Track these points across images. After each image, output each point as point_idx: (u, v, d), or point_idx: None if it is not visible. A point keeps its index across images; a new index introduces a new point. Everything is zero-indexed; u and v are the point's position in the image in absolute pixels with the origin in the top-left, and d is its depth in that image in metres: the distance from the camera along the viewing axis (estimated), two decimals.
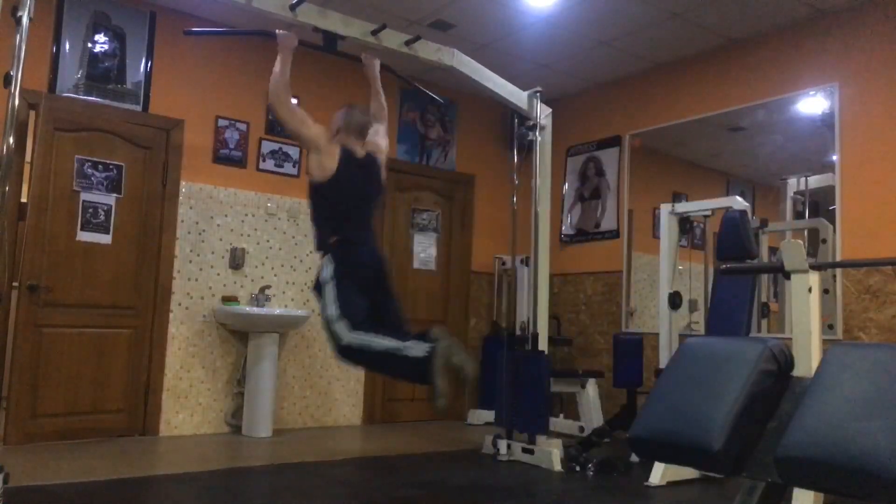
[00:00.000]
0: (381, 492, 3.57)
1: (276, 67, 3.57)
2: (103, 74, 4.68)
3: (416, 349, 3.22)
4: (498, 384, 4.54)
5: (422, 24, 4.91)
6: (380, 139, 3.79)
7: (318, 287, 3.41)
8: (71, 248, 4.48)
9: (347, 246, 3.43)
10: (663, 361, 4.38)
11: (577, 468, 4.09)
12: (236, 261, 5.05)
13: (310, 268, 5.40)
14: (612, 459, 4.11)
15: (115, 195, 4.65)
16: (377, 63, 3.95)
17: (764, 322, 4.68)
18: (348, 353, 3.31)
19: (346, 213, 3.49)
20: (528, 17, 4.82)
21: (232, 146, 5.12)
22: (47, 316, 4.37)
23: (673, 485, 3.73)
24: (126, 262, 4.67)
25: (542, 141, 4.66)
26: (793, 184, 4.81)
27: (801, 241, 2.41)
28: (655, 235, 5.00)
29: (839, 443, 1.40)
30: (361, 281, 3.40)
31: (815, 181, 4.68)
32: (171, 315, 4.79)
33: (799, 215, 4.75)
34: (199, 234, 4.94)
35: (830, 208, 4.44)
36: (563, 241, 6.20)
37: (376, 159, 3.66)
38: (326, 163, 3.43)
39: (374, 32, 3.93)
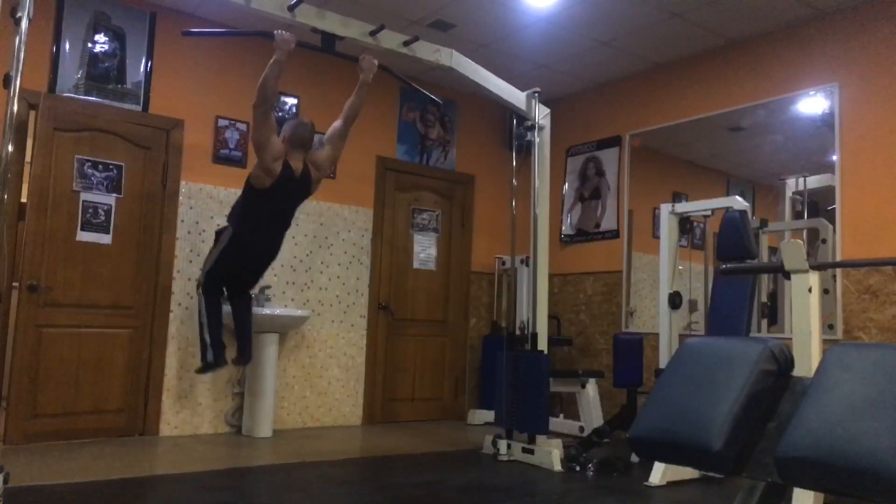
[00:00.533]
0: (381, 492, 3.57)
1: (270, 68, 3.65)
2: (103, 74, 4.68)
3: (209, 347, 4.09)
4: (498, 384, 4.54)
5: (421, 25, 4.91)
6: (328, 151, 4.13)
7: (217, 238, 4.19)
8: (71, 248, 4.48)
9: (249, 238, 4.06)
10: (663, 361, 4.38)
11: (577, 468, 4.09)
12: None
13: (310, 268, 5.40)
14: (612, 459, 4.12)
15: (115, 195, 4.65)
16: (374, 66, 4.03)
17: (764, 322, 4.68)
18: (201, 302, 4.15)
19: (259, 218, 4.03)
20: (527, 17, 4.82)
21: (232, 146, 5.12)
22: (47, 316, 4.37)
23: (673, 485, 3.73)
24: (126, 262, 4.67)
25: (541, 141, 4.66)
26: (792, 184, 4.81)
27: (800, 241, 2.42)
28: (655, 235, 5.00)
29: (839, 443, 1.40)
30: (238, 263, 4.12)
31: (814, 181, 4.68)
32: (171, 315, 4.79)
33: (798, 215, 4.75)
34: (199, 234, 4.94)
35: (830, 208, 4.44)
36: (563, 241, 6.20)
37: (310, 177, 4.06)
38: (265, 180, 3.87)
39: (373, 33, 3.93)
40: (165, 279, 4.79)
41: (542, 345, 4.47)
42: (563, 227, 6.23)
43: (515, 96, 4.61)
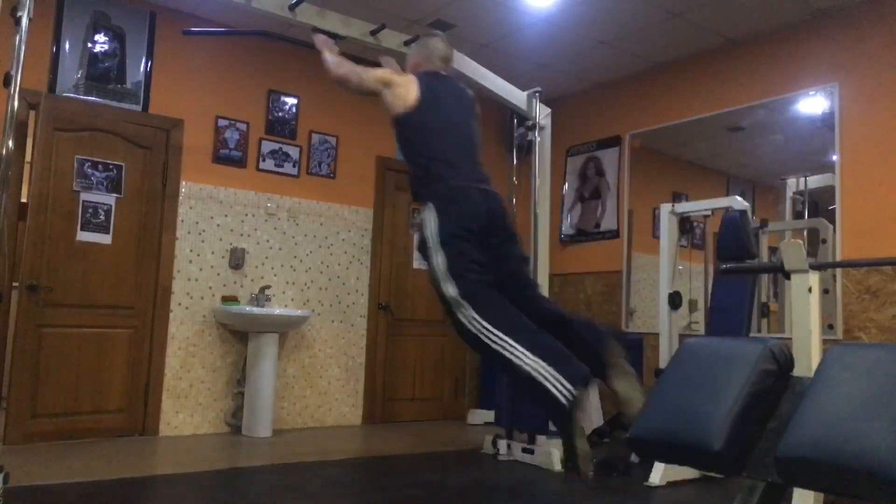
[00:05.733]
0: (381, 492, 3.57)
1: (330, 66, 3.30)
2: (103, 74, 4.68)
3: (560, 386, 2.36)
4: (498, 384, 4.54)
5: (421, 25, 4.91)
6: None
7: (423, 247, 2.72)
8: (71, 248, 4.48)
9: (453, 190, 2.77)
10: (663, 361, 4.38)
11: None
12: (236, 261, 5.05)
13: (310, 268, 5.40)
14: (612, 459, 4.11)
15: (115, 195, 4.65)
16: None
17: (764, 322, 4.68)
18: (476, 345, 2.60)
19: (443, 143, 2.87)
20: (528, 17, 4.82)
21: (232, 146, 5.12)
22: (47, 316, 4.37)
23: (673, 485, 3.73)
24: (126, 262, 4.67)
25: (542, 141, 4.66)
26: (792, 184, 4.81)
27: (800, 241, 2.42)
28: (655, 235, 4.99)
29: (839, 443, 1.40)
30: (477, 237, 2.70)
31: (814, 181, 4.68)
32: (171, 315, 4.79)
33: (798, 215, 4.75)
34: (199, 234, 4.94)
35: (830, 208, 4.43)
36: (563, 241, 6.20)
37: (465, 90, 3.14)
38: (404, 93, 2.91)
39: (374, 32, 3.94)
40: (165, 279, 4.79)
41: None
42: (563, 227, 6.22)
43: (516, 96, 4.61)
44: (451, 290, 2.62)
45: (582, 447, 2.35)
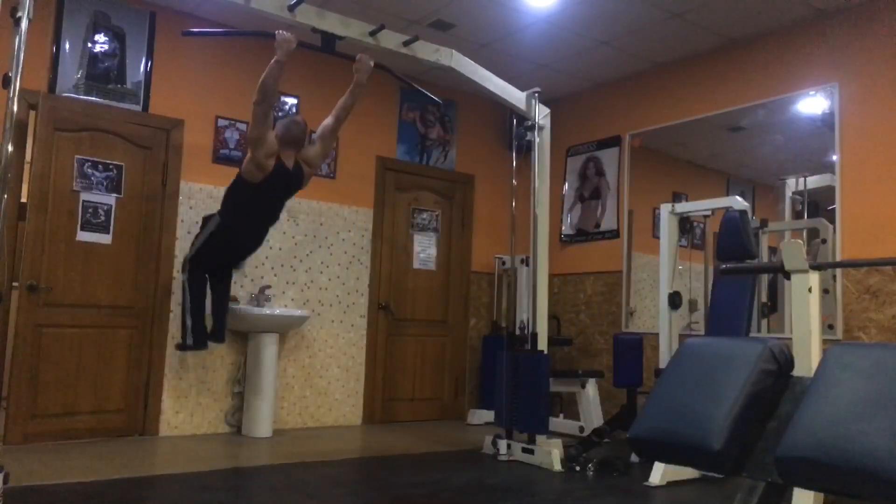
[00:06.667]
0: (381, 492, 3.57)
1: (271, 67, 3.66)
2: (103, 74, 4.68)
3: (190, 337, 4.29)
4: (498, 384, 4.54)
5: (421, 25, 4.91)
6: (319, 148, 4.17)
7: (204, 223, 4.34)
8: (71, 248, 4.48)
9: (235, 225, 4.19)
10: (663, 361, 4.38)
11: (577, 468, 4.09)
12: None
13: (310, 268, 5.40)
14: (612, 459, 4.11)
15: (115, 195, 4.65)
16: (370, 67, 4.01)
17: (764, 322, 4.68)
18: (184, 285, 4.33)
19: (248, 210, 4.13)
20: (527, 17, 4.82)
21: (232, 146, 5.12)
22: (47, 316, 4.37)
23: (673, 485, 3.73)
24: (126, 262, 4.67)
25: (541, 141, 4.66)
26: (792, 184, 4.81)
27: (800, 241, 2.42)
28: (655, 235, 5.00)
29: (839, 443, 1.40)
30: (222, 251, 4.29)
31: (814, 181, 4.68)
32: (171, 315, 4.79)
33: (798, 215, 4.75)
34: None
35: (830, 208, 4.44)
36: (563, 241, 6.20)
37: (303, 173, 4.11)
38: (257, 175, 3.94)
39: (373, 33, 3.93)
40: (165, 279, 4.79)
41: (542, 345, 4.47)
42: (563, 227, 6.23)
43: (515, 96, 4.61)
44: (191, 251, 4.37)
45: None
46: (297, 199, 5.33)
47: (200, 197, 4.96)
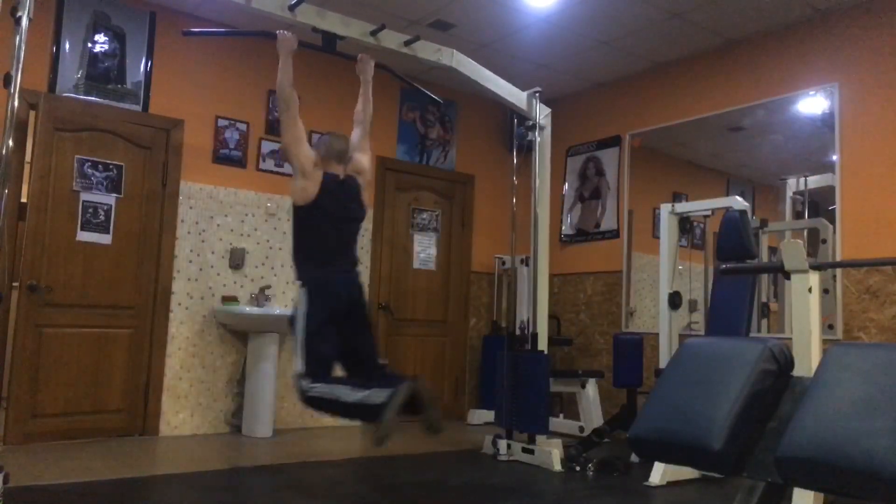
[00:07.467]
0: (381, 492, 3.57)
1: (280, 73, 3.56)
2: (103, 74, 4.68)
3: (377, 396, 3.11)
4: (498, 384, 4.54)
5: (421, 24, 4.91)
6: (362, 157, 3.81)
7: (292, 322, 3.46)
8: (71, 248, 4.47)
9: (322, 277, 3.49)
10: (663, 361, 4.38)
11: (577, 468, 4.09)
12: (236, 261, 5.05)
13: None
14: (612, 459, 4.11)
15: (115, 195, 4.65)
16: (371, 66, 3.92)
17: (764, 322, 4.68)
18: (314, 404, 3.33)
19: (325, 238, 3.54)
20: (528, 17, 4.82)
21: (232, 146, 5.12)
22: (47, 316, 4.37)
23: (673, 485, 3.73)
24: (126, 262, 4.67)
25: (542, 141, 4.66)
26: (792, 184, 4.81)
27: (800, 241, 2.41)
28: (655, 235, 5.00)
29: (839, 443, 1.40)
30: (333, 316, 3.44)
31: (814, 181, 4.68)
32: (171, 315, 4.79)
33: (798, 215, 4.75)
34: (199, 234, 4.94)
35: (830, 208, 4.44)
36: (563, 241, 6.20)
37: (357, 181, 3.70)
38: (309, 188, 3.49)
39: (374, 33, 3.93)
40: (165, 279, 4.79)
41: (542, 345, 4.47)
42: (563, 227, 6.23)
43: (516, 96, 4.61)
44: (299, 363, 3.35)
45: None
46: None
47: (200, 197, 4.96)
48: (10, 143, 2.65)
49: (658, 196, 5.23)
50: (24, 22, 2.67)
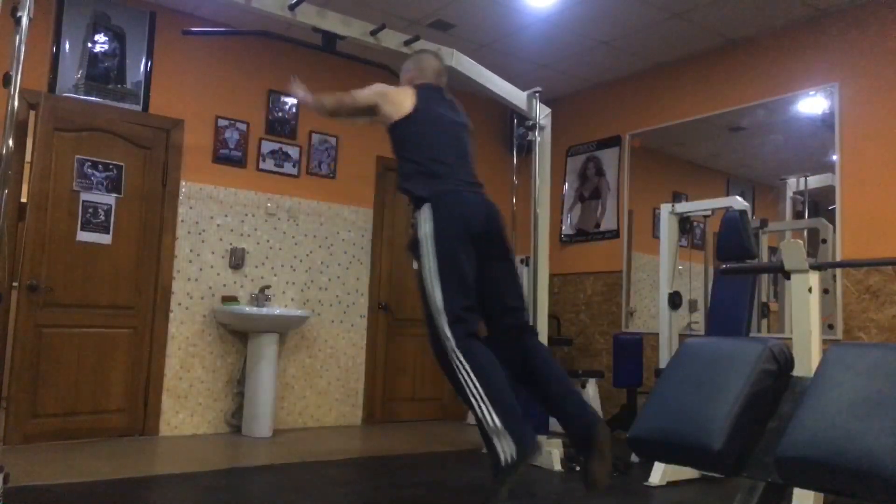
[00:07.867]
0: (381, 492, 3.57)
1: (319, 103, 3.17)
2: (103, 74, 4.68)
3: (507, 447, 2.41)
4: None
5: (421, 24, 4.91)
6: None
7: (415, 247, 2.71)
8: (71, 248, 4.47)
9: (447, 191, 2.75)
10: (663, 361, 4.38)
11: (577, 468, 4.08)
12: (236, 261, 5.05)
13: (310, 268, 5.40)
14: (612, 459, 4.11)
15: (115, 195, 4.65)
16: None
17: (764, 322, 4.68)
18: (449, 371, 2.55)
19: (437, 146, 2.86)
20: (528, 17, 4.82)
21: (232, 146, 5.12)
22: (47, 316, 4.37)
23: (673, 485, 3.73)
24: (126, 262, 4.67)
25: (542, 141, 4.66)
26: (792, 184, 4.81)
27: (800, 241, 2.41)
28: (655, 235, 5.00)
29: (839, 443, 1.40)
30: (468, 243, 2.68)
31: (814, 181, 4.68)
32: (171, 315, 4.79)
33: (798, 215, 4.75)
34: (199, 234, 4.94)
35: (830, 208, 4.44)
36: (563, 241, 6.20)
37: (459, 105, 3.19)
38: (405, 102, 2.91)
39: (374, 33, 3.94)
40: (165, 279, 4.79)
41: None
42: (563, 227, 6.23)
43: (516, 96, 4.61)
44: (437, 295, 2.58)
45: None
46: (298, 199, 5.35)
47: (200, 197, 4.96)
48: (10, 143, 2.65)
49: (658, 196, 5.23)
50: (24, 22, 2.67)
